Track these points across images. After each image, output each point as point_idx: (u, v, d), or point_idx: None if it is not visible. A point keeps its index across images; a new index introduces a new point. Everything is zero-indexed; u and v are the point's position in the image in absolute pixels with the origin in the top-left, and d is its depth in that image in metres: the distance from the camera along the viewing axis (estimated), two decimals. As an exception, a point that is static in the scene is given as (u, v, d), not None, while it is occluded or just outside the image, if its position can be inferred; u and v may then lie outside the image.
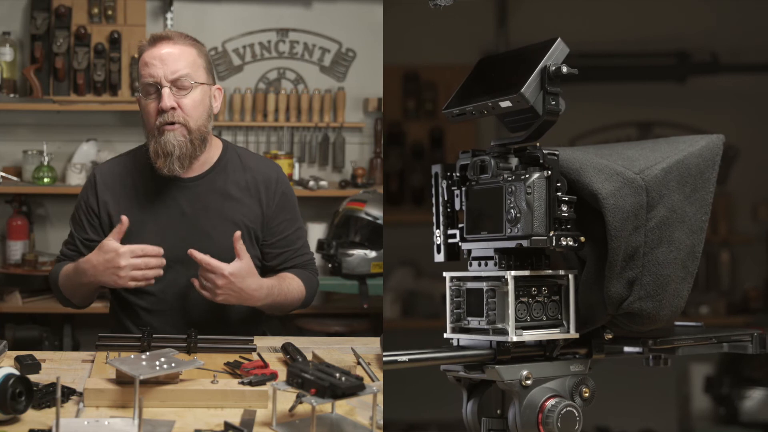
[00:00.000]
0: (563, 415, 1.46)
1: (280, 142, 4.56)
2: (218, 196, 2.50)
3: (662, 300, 1.48)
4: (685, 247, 1.49)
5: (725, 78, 4.30)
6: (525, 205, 1.45)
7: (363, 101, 4.59)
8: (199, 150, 2.45)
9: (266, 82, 4.59)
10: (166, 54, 2.41)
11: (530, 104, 1.44)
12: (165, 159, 2.40)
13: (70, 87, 4.33)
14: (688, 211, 1.50)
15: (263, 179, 2.55)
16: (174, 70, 2.39)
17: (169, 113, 2.38)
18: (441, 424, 4.10)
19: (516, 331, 1.47)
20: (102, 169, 2.59)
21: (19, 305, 4.18)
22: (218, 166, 2.52)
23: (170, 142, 2.38)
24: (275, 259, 2.57)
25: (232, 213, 2.49)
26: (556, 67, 1.45)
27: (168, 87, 2.38)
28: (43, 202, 4.44)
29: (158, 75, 2.39)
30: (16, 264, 4.25)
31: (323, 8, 4.56)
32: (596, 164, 1.48)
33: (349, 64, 4.61)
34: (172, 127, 2.39)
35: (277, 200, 2.55)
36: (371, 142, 4.60)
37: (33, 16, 4.29)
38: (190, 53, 2.44)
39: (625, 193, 1.46)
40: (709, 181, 1.53)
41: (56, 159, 4.31)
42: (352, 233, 3.97)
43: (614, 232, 1.45)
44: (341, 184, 4.44)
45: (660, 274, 1.48)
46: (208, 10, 4.50)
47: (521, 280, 1.48)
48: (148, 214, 2.47)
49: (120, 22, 4.38)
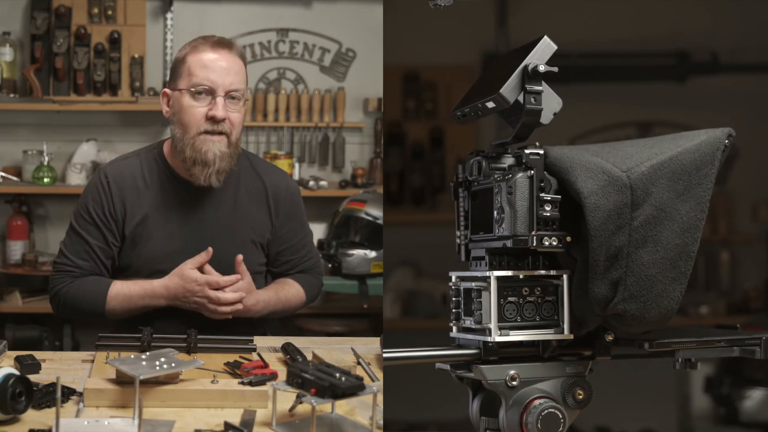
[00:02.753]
0: (544, 416, 1.45)
1: (280, 142, 4.56)
2: (229, 203, 2.49)
3: (647, 301, 1.44)
4: (675, 246, 1.45)
5: (725, 78, 4.30)
6: (508, 204, 1.45)
7: (363, 101, 4.59)
8: (233, 163, 2.42)
9: (266, 82, 4.59)
10: (227, 63, 2.38)
11: (510, 104, 1.44)
12: (203, 168, 2.36)
13: (70, 87, 4.32)
14: (680, 209, 1.46)
15: (273, 188, 2.54)
16: (232, 82, 2.37)
17: (220, 123, 2.35)
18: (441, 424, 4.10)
19: (502, 331, 1.47)
20: (112, 172, 2.48)
21: (19, 305, 4.18)
22: (231, 173, 2.47)
23: (212, 151, 2.35)
24: (282, 266, 2.59)
25: (242, 219, 2.49)
26: (534, 66, 1.44)
27: (222, 96, 2.35)
28: (43, 202, 4.43)
29: (217, 82, 2.35)
30: (16, 264, 4.25)
31: (323, 8, 4.56)
32: (586, 162, 1.46)
33: (349, 64, 4.61)
34: (219, 137, 2.36)
35: (287, 210, 2.56)
36: (371, 142, 4.60)
37: (33, 16, 4.29)
38: (242, 67, 2.42)
39: (609, 191, 1.43)
40: (707, 177, 1.48)
41: (56, 159, 4.31)
42: (352, 233, 3.97)
43: (594, 232, 1.43)
44: (341, 184, 4.44)
45: (644, 274, 1.44)
46: (208, 10, 4.50)
47: (510, 280, 1.48)
48: (160, 219, 2.44)
49: (120, 22, 4.38)
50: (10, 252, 4.29)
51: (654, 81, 4.33)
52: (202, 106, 2.36)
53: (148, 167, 2.48)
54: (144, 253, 2.42)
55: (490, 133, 4.05)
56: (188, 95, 2.37)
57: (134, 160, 2.50)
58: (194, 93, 2.36)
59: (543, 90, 1.45)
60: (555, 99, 1.48)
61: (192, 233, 2.45)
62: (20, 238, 4.29)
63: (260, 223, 2.51)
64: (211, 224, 2.46)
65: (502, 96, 1.44)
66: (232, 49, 2.42)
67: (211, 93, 2.36)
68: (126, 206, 2.43)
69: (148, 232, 2.43)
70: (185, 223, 2.45)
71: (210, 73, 2.36)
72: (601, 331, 1.51)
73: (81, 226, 2.44)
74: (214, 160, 2.35)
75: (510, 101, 1.45)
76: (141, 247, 2.41)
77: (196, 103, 2.36)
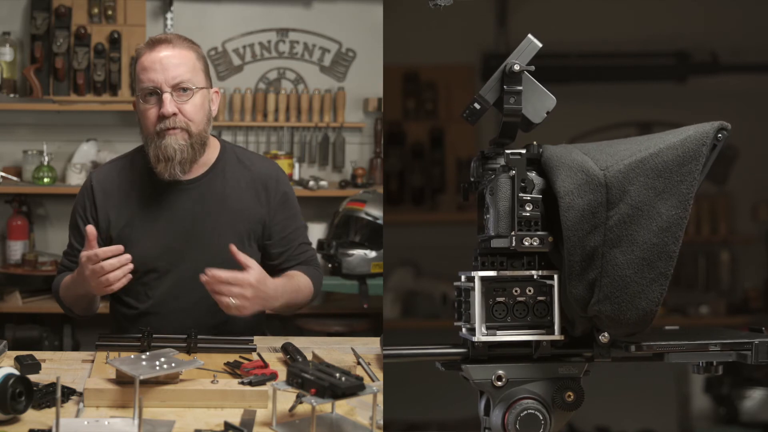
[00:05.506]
0: (522, 417, 1.45)
1: (280, 142, 4.56)
2: (218, 197, 2.49)
3: (622, 302, 1.42)
4: (652, 246, 1.41)
5: (725, 78, 4.30)
6: (491, 205, 1.46)
7: (363, 101, 4.59)
8: (199, 154, 2.43)
9: (266, 82, 4.59)
10: (166, 58, 2.39)
11: (491, 104, 1.45)
12: (166, 164, 2.38)
13: (70, 87, 4.32)
14: (660, 208, 1.42)
15: (263, 179, 2.54)
16: (174, 76, 2.37)
17: (170, 119, 2.36)
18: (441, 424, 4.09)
19: (489, 331, 1.46)
20: (98, 176, 2.54)
21: (19, 305, 4.18)
22: (217, 166, 2.51)
23: (171, 146, 2.36)
24: (278, 258, 2.56)
25: (232, 214, 2.49)
26: (509, 66, 1.45)
27: (169, 92, 2.36)
28: (43, 202, 4.44)
29: (159, 80, 2.37)
30: (16, 264, 4.25)
31: (323, 8, 4.56)
32: (570, 161, 1.45)
33: (349, 64, 4.61)
34: (173, 131, 2.37)
35: (278, 199, 2.54)
36: (371, 142, 4.60)
37: (33, 16, 4.29)
38: (189, 57, 2.42)
39: (584, 190, 1.42)
40: (690, 174, 1.43)
41: (56, 159, 4.31)
42: (352, 233, 3.97)
43: (567, 232, 1.41)
44: (341, 184, 4.44)
45: (618, 275, 1.42)
46: (208, 10, 4.50)
47: (500, 281, 1.48)
48: (148, 218, 2.46)
49: (120, 22, 4.38)
50: (10, 252, 4.29)
51: (654, 81, 4.32)
52: (153, 106, 2.38)
53: (136, 169, 2.50)
54: (134, 254, 2.42)
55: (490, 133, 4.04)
56: (141, 100, 2.41)
57: (122, 162, 2.55)
58: (143, 96, 2.40)
59: (522, 89, 1.45)
60: (547, 97, 1.48)
61: (181, 231, 2.45)
62: (20, 238, 4.29)
63: (252, 214, 2.50)
64: (200, 219, 2.46)
65: (482, 97, 1.45)
66: (173, 42, 2.42)
67: (157, 92, 2.37)
68: (111, 210, 2.46)
69: (137, 232, 2.44)
70: (174, 220, 2.46)
71: (150, 73, 2.38)
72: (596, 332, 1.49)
73: (71, 230, 2.52)
74: (174, 154, 2.37)
75: (490, 101, 1.45)
76: (131, 248, 2.41)
77: (148, 106, 2.39)
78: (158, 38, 2.44)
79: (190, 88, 2.39)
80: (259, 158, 2.69)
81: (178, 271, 2.44)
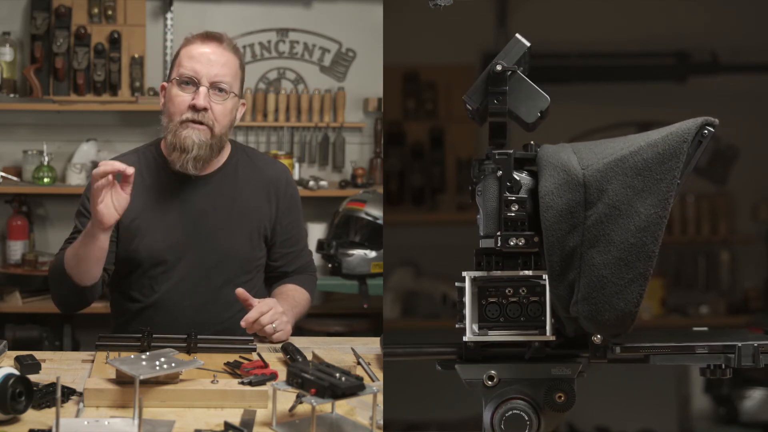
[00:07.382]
0: (507, 417, 1.45)
1: (280, 142, 4.56)
2: (228, 195, 2.50)
3: (599, 303, 1.41)
4: (630, 246, 1.39)
5: (725, 78, 4.30)
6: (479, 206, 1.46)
7: (363, 101, 4.59)
8: (215, 155, 2.44)
9: (266, 82, 4.59)
10: (214, 55, 2.40)
11: (476, 105, 1.45)
12: (181, 154, 2.38)
13: (70, 87, 4.33)
14: (638, 207, 1.40)
15: (273, 180, 2.56)
16: (217, 74, 2.38)
17: (201, 113, 2.37)
18: (441, 424, 4.09)
19: (481, 330, 1.46)
20: None
21: (19, 305, 4.18)
22: (228, 165, 2.51)
23: (190, 138, 2.36)
24: (280, 260, 2.59)
25: (242, 212, 2.50)
26: (492, 67, 1.45)
27: (206, 87, 2.37)
28: (43, 202, 4.44)
29: (201, 72, 2.37)
30: (16, 264, 4.25)
31: (323, 8, 4.56)
32: (557, 160, 1.44)
33: (349, 64, 4.61)
34: (199, 126, 2.37)
35: (286, 202, 2.57)
36: (371, 142, 4.60)
37: (33, 16, 4.29)
38: (234, 63, 2.44)
39: (564, 190, 1.41)
40: (670, 172, 1.41)
41: (56, 159, 4.31)
42: (352, 233, 3.97)
43: (546, 232, 1.41)
44: (341, 184, 4.44)
45: (595, 275, 1.40)
46: (208, 10, 4.50)
47: (493, 280, 1.48)
48: (157, 211, 2.46)
49: (120, 22, 4.38)
50: (10, 252, 4.29)
51: (654, 81, 4.32)
52: (186, 95, 2.38)
53: (145, 162, 2.49)
54: (143, 246, 2.43)
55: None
56: (175, 85, 2.40)
57: (131, 157, 2.52)
58: (179, 82, 2.40)
59: (507, 90, 1.45)
60: (540, 97, 1.48)
61: (191, 225, 2.46)
62: (20, 238, 4.29)
63: (261, 213, 2.52)
64: (210, 216, 2.47)
65: (469, 97, 1.45)
66: (223, 42, 2.43)
67: (196, 83, 2.38)
68: None
69: (146, 225, 2.44)
70: (183, 215, 2.46)
71: (195, 63, 2.39)
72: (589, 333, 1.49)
73: (78, 218, 2.48)
74: (192, 147, 2.37)
75: (476, 102, 1.46)
76: (140, 240, 2.41)
77: (181, 92, 2.39)
78: (212, 34, 2.45)
79: (227, 90, 2.40)
80: (269, 159, 2.71)
81: (186, 265, 2.45)
